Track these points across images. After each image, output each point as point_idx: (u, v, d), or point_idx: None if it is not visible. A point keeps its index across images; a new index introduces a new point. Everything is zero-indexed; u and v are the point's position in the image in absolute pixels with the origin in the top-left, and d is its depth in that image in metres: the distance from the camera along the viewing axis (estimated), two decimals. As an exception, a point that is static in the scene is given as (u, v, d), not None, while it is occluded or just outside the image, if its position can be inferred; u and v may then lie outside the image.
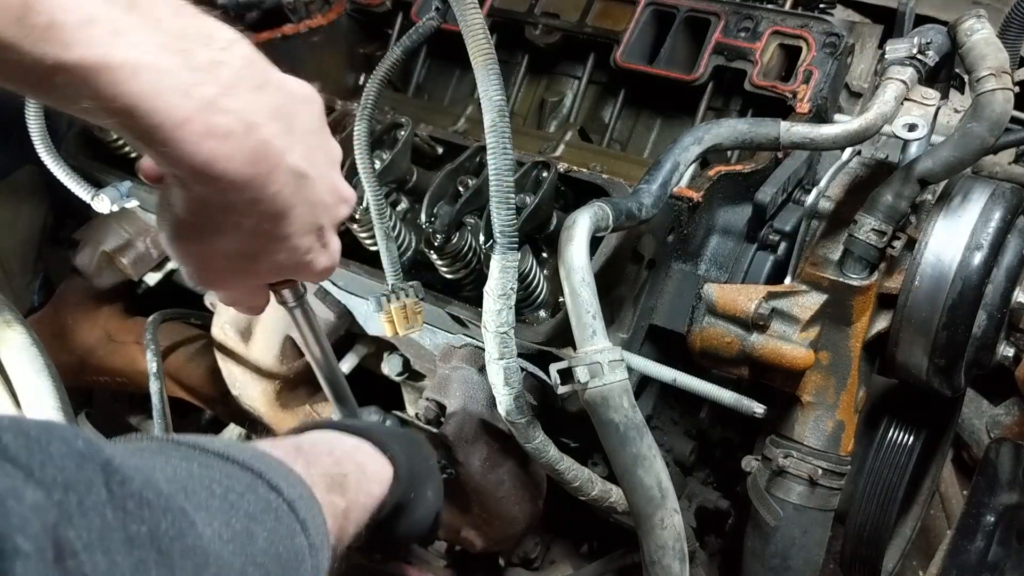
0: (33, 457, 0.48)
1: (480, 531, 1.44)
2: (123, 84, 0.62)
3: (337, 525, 0.83)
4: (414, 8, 1.88)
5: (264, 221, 0.76)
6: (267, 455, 0.75)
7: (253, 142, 0.69)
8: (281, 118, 0.72)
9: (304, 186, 0.77)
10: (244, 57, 0.69)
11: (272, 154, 0.72)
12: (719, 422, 1.52)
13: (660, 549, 1.01)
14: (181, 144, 0.66)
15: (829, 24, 1.54)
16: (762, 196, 1.29)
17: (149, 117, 0.64)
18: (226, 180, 0.70)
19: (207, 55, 0.66)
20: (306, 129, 0.77)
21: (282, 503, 0.70)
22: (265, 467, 0.71)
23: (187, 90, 0.65)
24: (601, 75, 1.79)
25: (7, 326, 1.27)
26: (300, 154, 0.75)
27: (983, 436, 1.96)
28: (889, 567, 1.56)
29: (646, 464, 0.99)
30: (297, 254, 0.83)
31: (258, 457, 0.73)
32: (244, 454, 0.71)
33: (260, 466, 0.70)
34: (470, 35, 1.00)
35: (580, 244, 1.00)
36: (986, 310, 1.17)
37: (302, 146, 0.76)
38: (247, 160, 0.70)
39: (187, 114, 0.65)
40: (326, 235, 0.86)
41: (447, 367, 1.36)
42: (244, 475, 0.68)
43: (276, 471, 0.72)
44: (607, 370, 0.96)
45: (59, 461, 0.49)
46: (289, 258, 0.83)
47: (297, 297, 1.02)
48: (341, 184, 0.87)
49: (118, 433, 1.99)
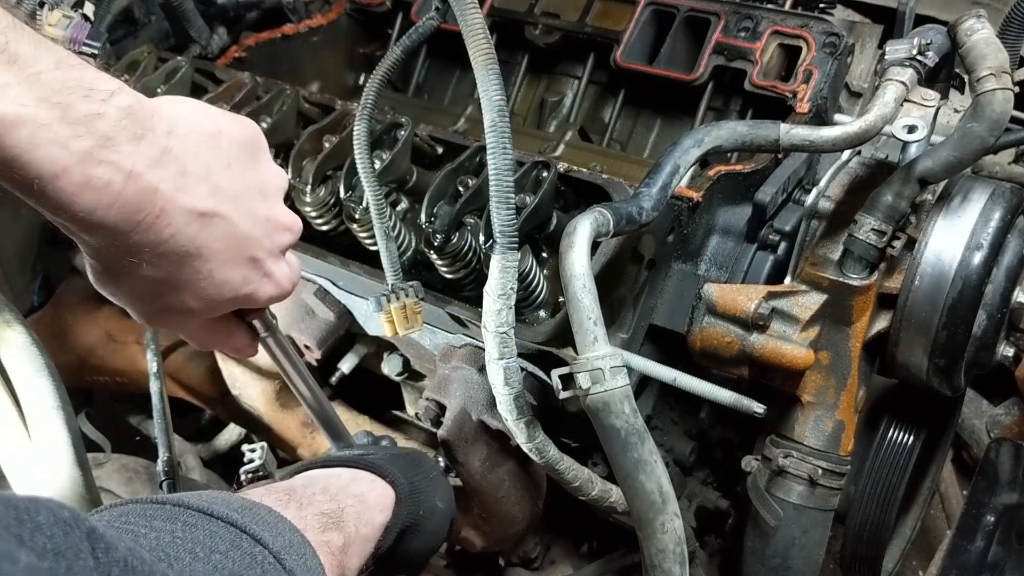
0: (23, 526, 0.49)
1: (480, 531, 1.44)
2: (2, 137, 0.64)
3: (336, 562, 0.84)
4: (414, 8, 1.88)
5: (172, 262, 0.78)
6: (253, 505, 0.76)
7: (134, 190, 0.71)
8: (169, 163, 0.74)
9: (213, 224, 0.78)
10: (123, 108, 0.70)
11: (159, 199, 0.73)
12: (719, 422, 1.52)
13: (661, 553, 1.01)
14: (59, 195, 0.68)
15: (829, 24, 1.54)
16: (762, 196, 1.29)
17: (27, 169, 0.66)
18: (108, 228, 0.72)
19: (85, 107, 0.68)
20: (212, 167, 0.78)
21: (268, 556, 0.71)
22: (250, 519, 0.72)
23: (65, 143, 0.66)
24: (601, 75, 1.79)
25: (7, 326, 1.27)
26: (202, 194, 0.77)
27: (983, 436, 1.96)
28: (889, 567, 1.56)
29: (647, 469, 0.99)
30: (228, 288, 0.84)
31: (243, 509, 0.73)
32: (228, 508, 0.72)
33: (245, 519, 0.71)
34: (470, 35, 1.00)
35: (581, 250, 1.00)
36: (986, 310, 1.17)
37: (205, 186, 0.77)
38: (129, 208, 0.71)
39: (64, 166, 0.66)
40: (265, 265, 0.87)
41: (447, 367, 1.36)
42: (227, 532, 0.69)
43: (261, 522, 0.73)
44: (608, 376, 0.97)
45: (47, 530, 0.50)
46: (220, 293, 0.83)
47: (267, 327, 1.02)
48: (276, 213, 0.87)
49: (118, 433, 1.99)
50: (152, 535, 0.64)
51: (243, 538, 0.70)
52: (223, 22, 1.88)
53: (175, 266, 0.78)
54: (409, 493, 1.02)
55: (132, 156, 0.71)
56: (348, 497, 0.94)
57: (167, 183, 0.73)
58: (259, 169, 0.86)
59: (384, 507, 1.00)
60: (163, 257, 0.77)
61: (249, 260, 0.84)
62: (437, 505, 1.09)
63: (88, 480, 1.24)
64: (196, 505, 0.70)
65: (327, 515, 0.87)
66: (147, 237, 0.74)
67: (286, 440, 1.63)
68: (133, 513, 0.68)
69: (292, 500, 0.86)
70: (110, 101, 0.70)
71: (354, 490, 0.97)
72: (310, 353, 1.51)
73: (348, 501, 0.93)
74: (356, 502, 0.95)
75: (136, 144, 0.71)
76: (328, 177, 1.38)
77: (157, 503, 0.70)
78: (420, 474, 1.09)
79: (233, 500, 0.76)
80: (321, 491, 0.92)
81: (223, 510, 0.71)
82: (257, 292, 0.87)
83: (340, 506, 0.91)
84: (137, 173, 0.71)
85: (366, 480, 1.01)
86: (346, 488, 0.97)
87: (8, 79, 0.64)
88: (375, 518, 0.97)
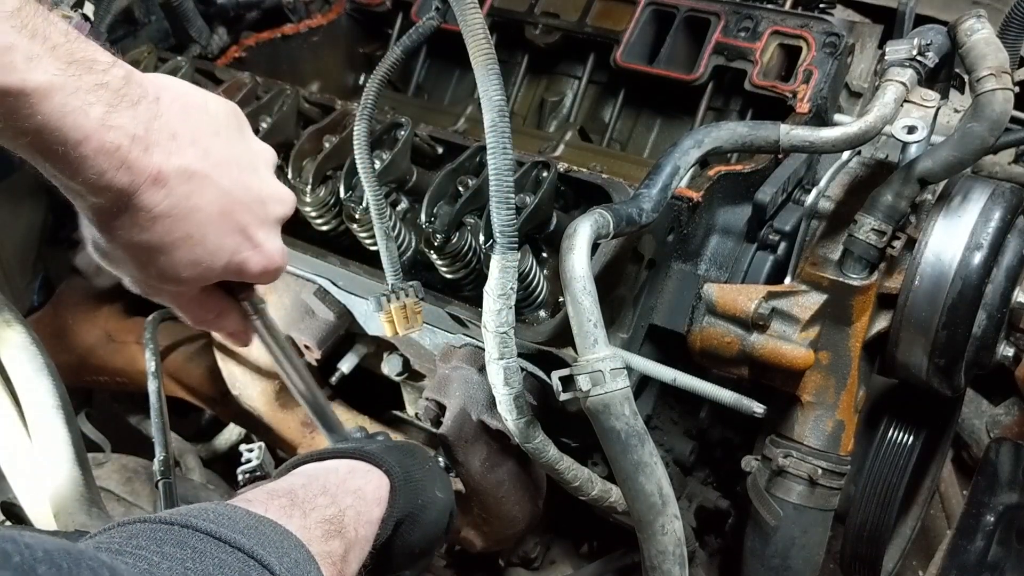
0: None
1: (480, 531, 1.44)
2: (36, 106, 0.69)
3: (336, 571, 0.86)
4: (414, 8, 1.88)
5: (166, 226, 0.81)
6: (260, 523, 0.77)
7: (137, 152, 0.76)
8: (161, 128, 0.79)
9: (204, 186, 0.82)
10: (120, 78, 0.76)
11: (155, 160, 0.78)
12: (719, 422, 1.52)
13: (661, 554, 1.01)
14: (80, 160, 0.73)
15: (829, 24, 1.54)
16: (762, 196, 1.29)
17: (55, 135, 0.71)
18: (114, 190, 0.76)
19: (93, 77, 0.73)
20: (200, 133, 0.83)
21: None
22: (257, 542, 0.73)
23: (86, 110, 0.72)
24: (601, 75, 1.79)
25: (7, 326, 1.27)
26: (193, 156, 0.81)
27: (983, 436, 1.96)
28: (889, 567, 1.56)
29: (647, 471, 0.99)
30: (220, 255, 0.86)
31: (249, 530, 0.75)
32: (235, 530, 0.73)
33: (252, 543, 0.72)
34: (470, 35, 1.00)
35: (581, 252, 1.00)
36: (986, 310, 1.17)
37: (195, 148, 0.82)
38: (133, 170, 0.76)
39: (86, 132, 0.72)
40: (257, 235, 0.89)
41: (447, 367, 1.36)
42: (235, 559, 0.71)
43: (268, 543, 0.74)
44: (608, 378, 0.97)
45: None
46: (212, 259, 0.86)
47: (256, 310, 1.03)
48: (267, 183, 0.91)
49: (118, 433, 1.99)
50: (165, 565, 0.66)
51: (251, 565, 0.71)
52: (223, 22, 1.88)
53: (168, 230, 0.82)
54: (405, 482, 1.03)
55: (133, 121, 0.76)
56: (347, 495, 0.95)
57: (161, 146, 0.78)
58: (247, 142, 0.90)
59: (381, 499, 1.00)
60: (158, 220, 0.80)
61: (240, 228, 0.87)
62: (436, 495, 1.09)
63: (88, 480, 1.24)
64: (205, 528, 0.71)
65: (329, 521, 0.88)
66: (145, 198, 0.78)
67: (286, 440, 1.63)
68: (143, 535, 0.69)
69: (296, 507, 0.86)
70: (110, 71, 0.75)
71: (352, 485, 0.98)
72: (310, 353, 1.51)
73: (348, 500, 0.93)
74: (355, 500, 0.95)
75: (134, 110, 0.76)
76: (328, 177, 1.38)
77: (166, 523, 0.71)
78: (416, 464, 1.09)
79: (239, 519, 0.76)
80: (321, 492, 0.92)
81: (230, 533, 0.72)
82: (248, 262, 0.89)
83: (341, 508, 0.91)
84: (140, 136, 0.76)
85: (362, 471, 1.01)
86: (344, 483, 0.97)
87: (36, 50, 0.68)
88: (373, 513, 0.98)
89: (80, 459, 1.24)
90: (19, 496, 1.27)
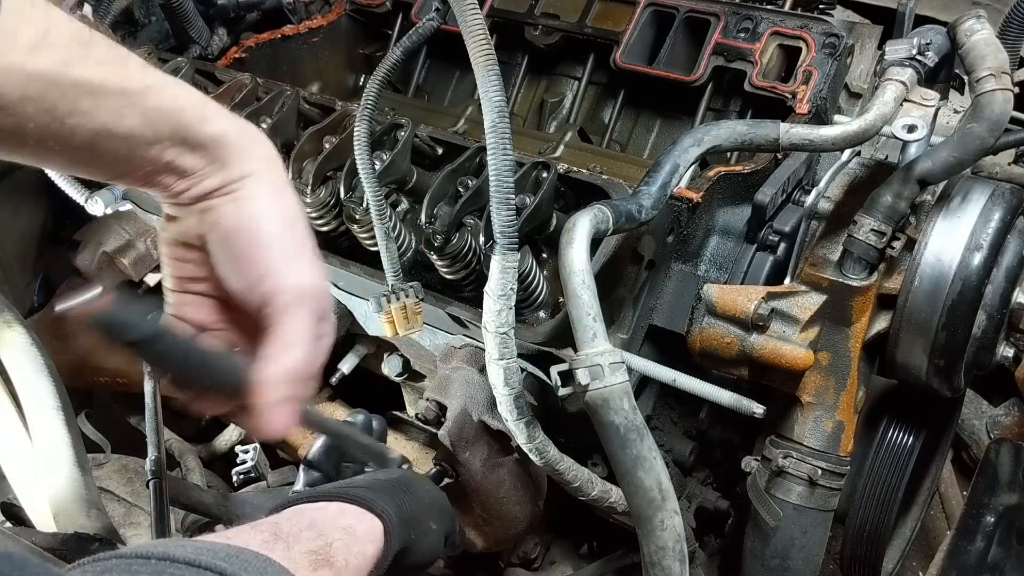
0: None
1: (480, 531, 1.44)
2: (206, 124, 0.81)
3: None
4: (414, 9, 1.88)
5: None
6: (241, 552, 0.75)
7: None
8: None
9: None
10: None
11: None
12: (719, 422, 1.52)
13: (660, 550, 1.01)
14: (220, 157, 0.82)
15: (829, 25, 1.54)
16: (762, 197, 1.29)
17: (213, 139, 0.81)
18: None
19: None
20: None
21: None
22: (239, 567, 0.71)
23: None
24: (601, 76, 1.79)
25: (7, 326, 1.27)
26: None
27: (983, 436, 1.96)
28: (889, 567, 1.56)
29: (646, 466, 0.99)
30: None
31: (230, 557, 0.72)
32: (215, 557, 0.71)
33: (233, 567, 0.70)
34: (470, 36, 1.00)
35: (580, 247, 1.00)
36: (986, 310, 1.17)
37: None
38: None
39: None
40: None
41: (447, 367, 1.36)
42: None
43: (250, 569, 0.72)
44: (607, 372, 0.97)
45: None
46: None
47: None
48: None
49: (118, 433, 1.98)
50: None
51: None
52: (223, 23, 1.88)
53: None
54: (397, 525, 0.99)
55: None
56: (336, 530, 0.91)
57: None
58: None
59: (375, 539, 0.96)
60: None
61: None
62: (430, 527, 1.06)
63: (88, 480, 1.24)
64: (183, 557, 0.69)
65: (316, 552, 0.85)
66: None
67: (286, 440, 1.63)
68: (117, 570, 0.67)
69: (279, 540, 0.83)
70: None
71: (342, 523, 0.94)
72: (310, 353, 1.50)
73: (336, 535, 0.90)
74: (344, 535, 0.92)
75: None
76: (328, 178, 1.38)
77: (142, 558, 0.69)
78: (410, 501, 1.05)
79: (219, 549, 0.74)
80: (308, 526, 0.89)
81: (211, 560, 0.70)
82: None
83: (328, 541, 0.88)
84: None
85: (353, 513, 0.97)
86: (333, 522, 0.94)
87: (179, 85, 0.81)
88: (366, 549, 0.94)
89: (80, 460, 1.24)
90: (19, 496, 1.27)
